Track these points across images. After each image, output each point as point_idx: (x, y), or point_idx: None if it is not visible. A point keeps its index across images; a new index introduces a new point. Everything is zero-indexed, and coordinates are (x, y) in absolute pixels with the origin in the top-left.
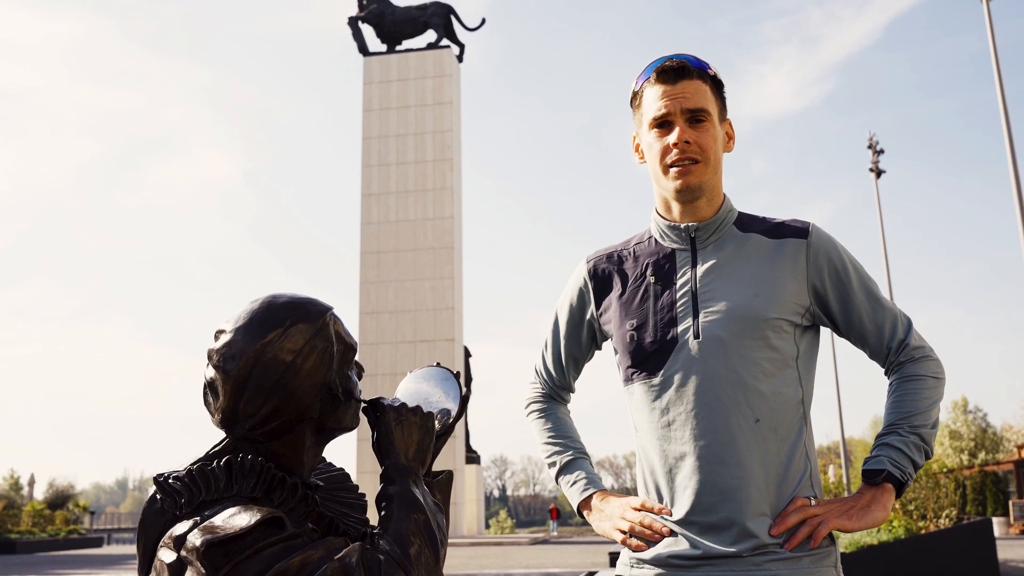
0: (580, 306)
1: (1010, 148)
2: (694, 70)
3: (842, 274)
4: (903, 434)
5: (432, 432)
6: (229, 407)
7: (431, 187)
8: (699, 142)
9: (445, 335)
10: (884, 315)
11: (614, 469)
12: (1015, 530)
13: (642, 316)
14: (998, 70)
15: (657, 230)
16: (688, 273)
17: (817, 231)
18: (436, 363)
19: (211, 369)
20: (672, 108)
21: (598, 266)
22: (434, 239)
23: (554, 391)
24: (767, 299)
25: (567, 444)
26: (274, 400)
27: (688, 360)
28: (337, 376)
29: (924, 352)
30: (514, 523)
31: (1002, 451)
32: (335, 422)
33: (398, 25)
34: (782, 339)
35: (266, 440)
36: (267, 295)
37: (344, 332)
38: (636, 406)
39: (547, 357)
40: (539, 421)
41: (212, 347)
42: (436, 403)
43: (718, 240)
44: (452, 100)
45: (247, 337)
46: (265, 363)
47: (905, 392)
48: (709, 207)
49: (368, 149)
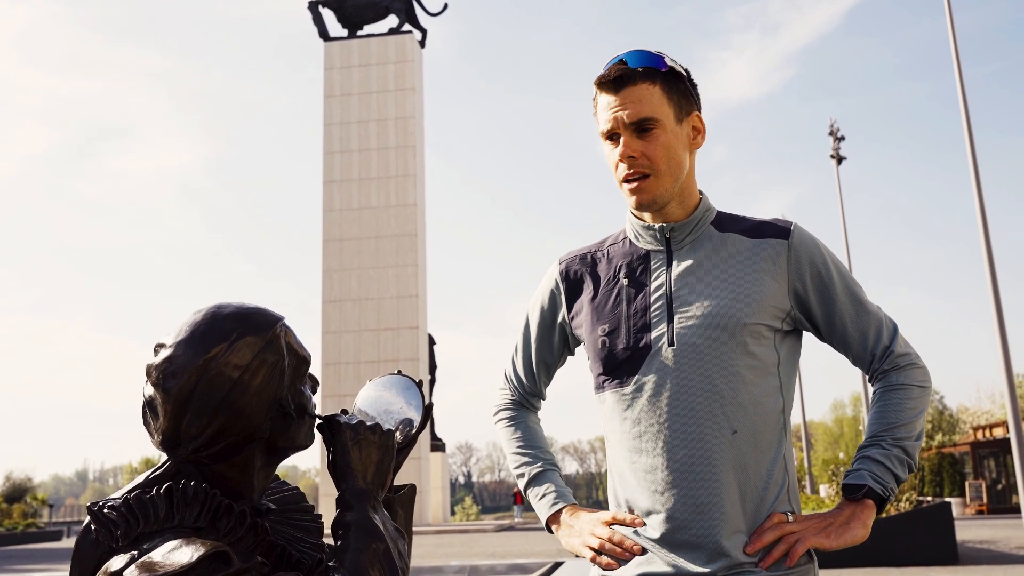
0: (551, 310)
1: (968, 136)
2: (637, 73)
3: (825, 277)
4: (886, 447)
5: (392, 451)
6: (170, 428)
7: (394, 174)
8: (648, 153)
9: (409, 323)
10: (868, 320)
11: (579, 455)
12: (971, 510)
13: (614, 321)
14: (957, 57)
15: (632, 230)
16: (663, 276)
17: (800, 231)
18: (397, 371)
19: (150, 387)
20: (615, 123)
21: (570, 268)
22: (397, 226)
23: (524, 398)
24: (745, 303)
25: (536, 455)
26: (220, 420)
27: (661, 368)
28: (289, 392)
29: (910, 359)
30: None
31: (958, 433)
32: (287, 441)
33: (359, 10)
34: (761, 345)
35: (212, 463)
36: (212, 305)
37: (296, 344)
38: (607, 415)
39: (517, 362)
40: (508, 430)
41: (151, 363)
42: (398, 413)
43: (695, 241)
44: (414, 86)
45: (189, 352)
46: (209, 380)
47: (889, 402)
48: (682, 209)
49: (330, 136)
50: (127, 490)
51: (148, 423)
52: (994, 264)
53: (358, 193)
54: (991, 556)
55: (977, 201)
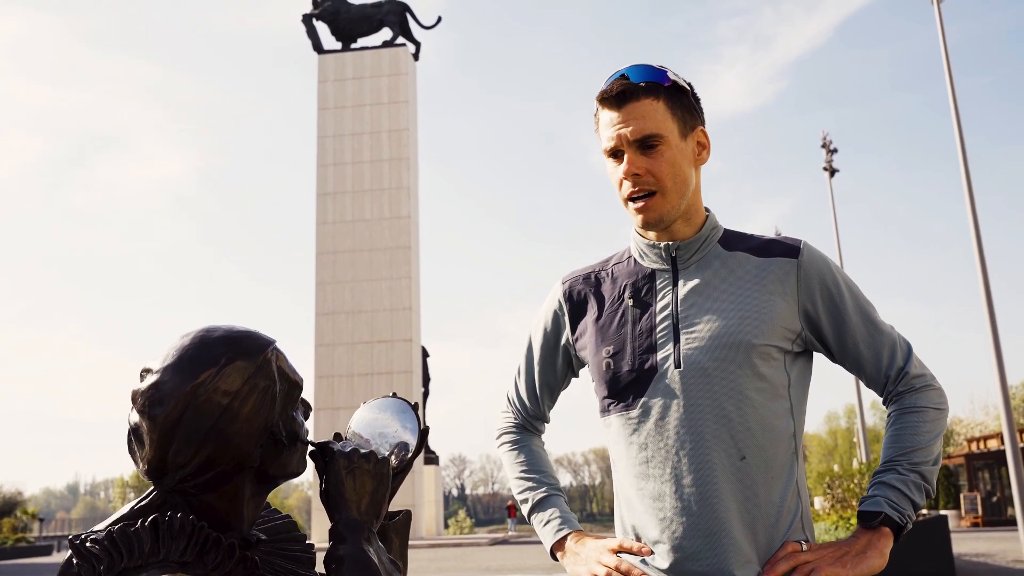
0: (555, 331)
1: (960, 146)
2: (640, 88)
3: (836, 296)
4: (902, 472)
5: (388, 480)
6: (156, 457)
7: (387, 186)
8: (653, 170)
9: (403, 335)
10: (882, 340)
11: (573, 467)
12: (966, 523)
13: (619, 342)
14: (948, 68)
15: (636, 249)
16: (669, 295)
17: (809, 249)
18: (392, 393)
19: (136, 414)
20: (619, 140)
21: (574, 288)
22: (391, 239)
23: (527, 421)
24: (754, 324)
25: (540, 480)
26: (208, 448)
27: (668, 391)
28: (280, 418)
29: (925, 381)
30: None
31: (952, 444)
32: (279, 469)
33: (353, 23)
34: (771, 367)
35: (199, 493)
36: (200, 328)
37: (288, 368)
38: (613, 439)
39: (520, 385)
40: (511, 454)
41: (137, 389)
42: (393, 436)
43: (701, 259)
44: (408, 99)
45: (177, 377)
46: (197, 407)
47: (905, 425)
48: (688, 226)
49: (323, 148)
50: (111, 522)
51: (133, 451)
52: (988, 276)
53: (352, 205)
54: (988, 570)
55: (970, 211)
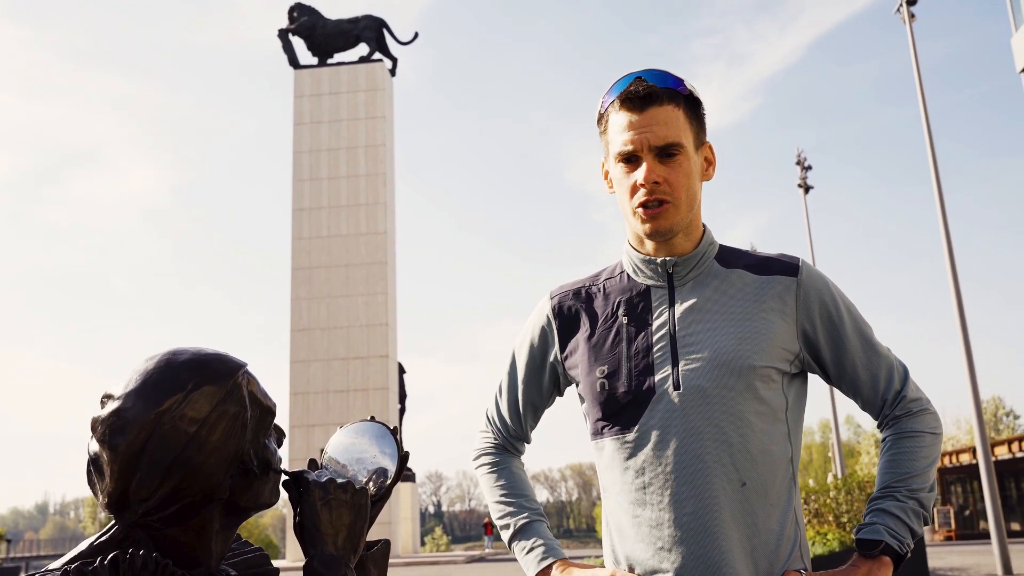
0: (542, 347)
1: (933, 164)
2: (664, 93)
3: (835, 317)
4: (901, 499)
5: (366, 512)
6: (118, 489)
7: (364, 202)
8: (670, 180)
9: (379, 351)
10: (879, 363)
11: (549, 483)
12: (939, 537)
13: (614, 362)
14: (921, 86)
15: (630, 264)
16: (665, 313)
17: (808, 268)
18: (371, 417)
19: (96, 443)
20: (639, 143)
21: (563, 303)
22: (367, 254)
23: (508, 442)
24: (754, 344)
25: (522, 505)
26: (174, 479)
27: (667, 414)
28: (252, 446)
29: (921, 405)
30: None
31: None
32: (250, 500)
33: (329, 38)
34: (770, 389)
35: (164, 527)
36: (166, 351)
37: (260, 393)
38: (606, 464)
39: (502, 403)
40: (490, 476)
41: (97, 416)
42: (371, 461)
43: (698, 276)
44: (385, 114)
45: (140, 404)
46: (162, 435)
47: (902, 450)
48: (687, 241)
49: (299, 163)
50: (67, 560)
51: (93, 483)
52: (960, 292)
53: (328, 221)
54: None
55: (942, 227)
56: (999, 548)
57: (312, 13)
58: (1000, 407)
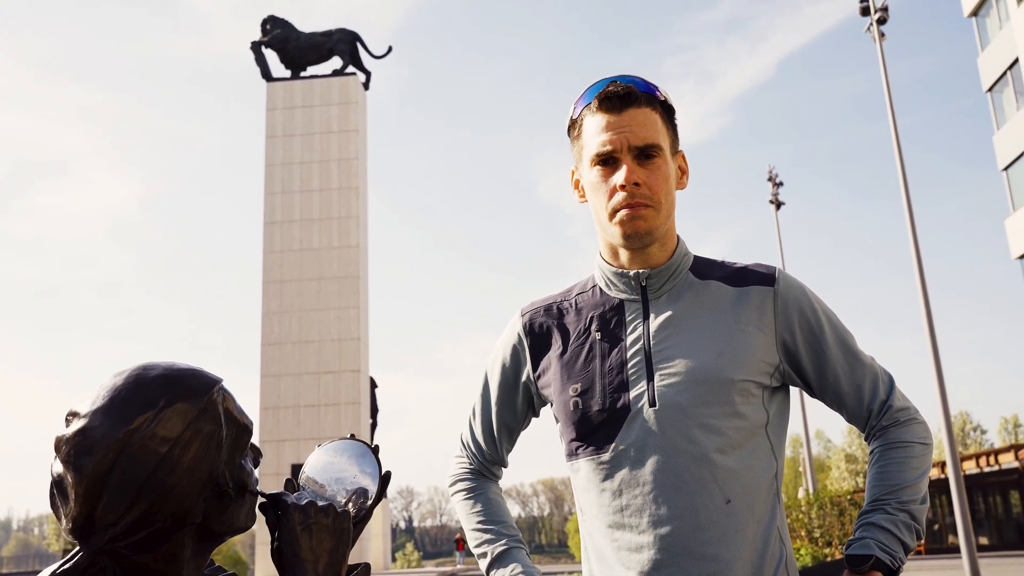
0: (514, 367)
1: (904, 181)
2: (642, 96)
3: (815, 326)
4: (891, 512)
5: (348, 536)
6: (83, 513)
7: (336, 215)
8: (649, 183)
9: (350, 366)
10: (863, 373)
11: (521, 498)
12: None
13: (587, 380)
14: (891, 106)
15: (602, 278)
16: (639, 328)
17: (785, 277)
18: (350, 435)
19: (60, 464)
20: (618, 144)
21: (534, 320)
22: (339, 268)
23: (483, 466)
24: (732, 358)
25: (500, 531)
26: (143, 503)
27: (643, 432)
28: (227, 467)
29: (909, 414)
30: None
31: None
32: (224, 524)
33: (303, 51)
34: (750, 404)
35: (132, 554)
36: (135, 366)
37: (236, 410)
38: (582, 486)
39: (475, 427)
40: (466, 503)
41: (61, 435)
42: (351, 481)
43: (673, 289)
44: (358, 127)
45: (107, 422)
46: (131, 456)
47: (890, 461)
48: (662, 252)
49: (271, 176)
50: None
51: (57, 506)
52: (930, 309)
53: (300, 234)
54: None
55: (912, 242)
56: (969, 562)
57: (285, 26)
58: (967, 422)
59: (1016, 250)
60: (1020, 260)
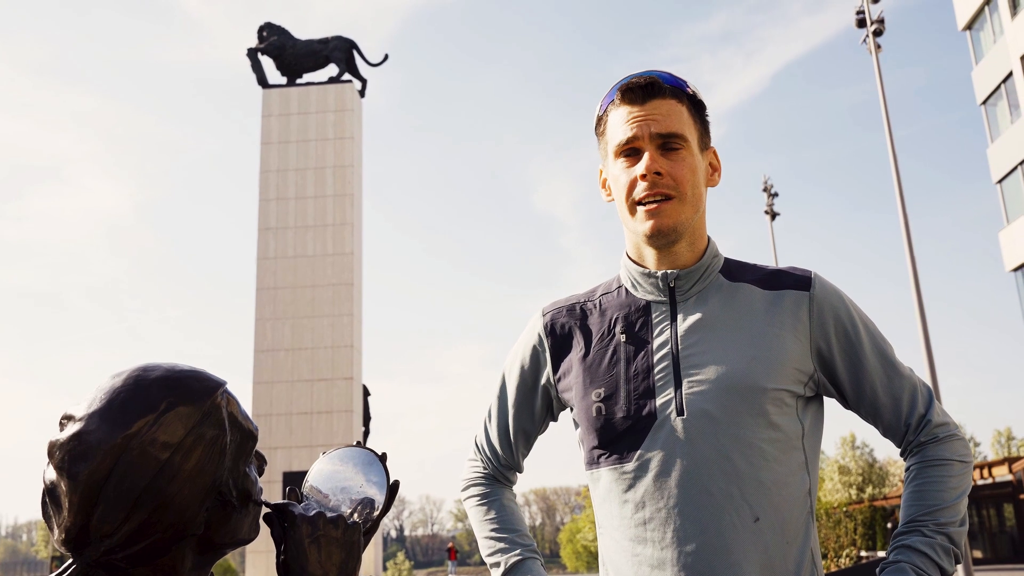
0: (533, 369)
1: (899, 192)
2: (667, 88)
3: (852, 335)
4: (928, 534)
5: (359, 549)
6: (77, 523)
7: (331, 222)
8: (673, 173)
9: (344, 373)
10: (902, 385)
11: None
12: None
13: (611, 384)
14: (887, 117)
15: (628, 278)
16: (667, 331)
17: (821, 282)
18: (356, 442)
19: (53, 470)
20: (640, 131)
21: (556, 320)
22: (333, 275)
23: (498, 471)
24: (766, 365)
25: (514, 540)
26: (142, 513)
27: (670, 442)
28: (231, 475)
29: (949, 430)
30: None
31: (888, 485)
32: (227, 535)
33: (299, 58)
34: (784, 414)
35: (129, 566)
36: (135, 367)
37: (241, 415)
38: (602, 497)
39: (491, 430)
40: (480, 509)
41: (55, 440)
42: (357, 491)
43: (702, 291)
44: (353, 135)
45: (105, 426)
46: (130, 462)
47: (928, 480)
48: (690, 252)
49: (266, 183)
50: None
51: (49, 516)
52: (926, 320)
53: (294, 241)
54: None
55: (908, 253)
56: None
57: (282, 33)
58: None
59: (1010, 263)
60: (1014, 273)
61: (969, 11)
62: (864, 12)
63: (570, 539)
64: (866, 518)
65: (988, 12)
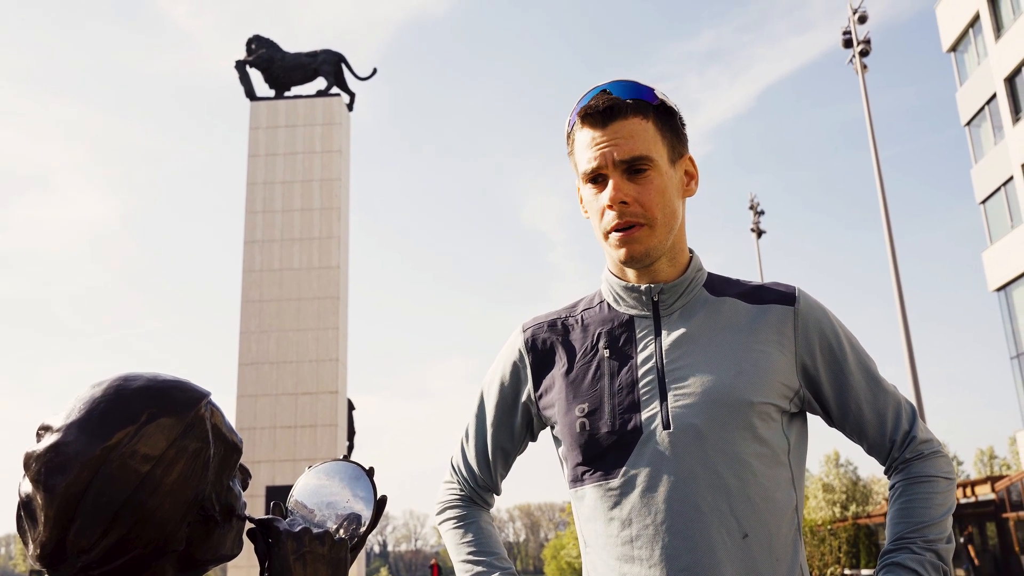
0: (514, 385)
1: (884, 212)
2: (628, 106)
3: (836, 351)
4: (917, 551)
5: (345, 566)
6: (53, 538)
7: (317, 236)
8: (640, 199)
9: (328, 387)
10: (886, 401)
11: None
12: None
13: (595, 399)
14: (873, 137)
15: (610, 293)
16: (651, 345)
17: (805, 297)
18: (343, 456)
19: (29, 483)
20: (603, 160)
21: (537, 336)
22: (319, 289)
23: (475, 493)
24: (752, 378)
25: (492, 563)
26: (121, 528)
27: (656, 457)
28: (214, 489)
29: (933, 447)
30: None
31: (871, 503)
32: (209, 551)
33: (287, 71)
34: (771, 428)
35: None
36: (116, 377)
37: (225, 427)
38: (587, 515)
39: (468, 450)
40: (456, 532)
41: (31, 451)
42: (343, 507)
43: (686, 305)
44: (341, 148)
45: (83, 438)
46: (109, 475)
47: (914, 497)
48: (672, 267)
49: (252, 195)
50: None
51: (24, 530)
52: (910, 338)
53: (280, 254)
54: None
55: (893, 271)
56: None
57: (270, 46)
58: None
59: (993, 283)
60: (997, 292)
61: (954, 33)
62: (851, 32)
63: (554, 555)
64: (850, 536)
65: (972, 34)
